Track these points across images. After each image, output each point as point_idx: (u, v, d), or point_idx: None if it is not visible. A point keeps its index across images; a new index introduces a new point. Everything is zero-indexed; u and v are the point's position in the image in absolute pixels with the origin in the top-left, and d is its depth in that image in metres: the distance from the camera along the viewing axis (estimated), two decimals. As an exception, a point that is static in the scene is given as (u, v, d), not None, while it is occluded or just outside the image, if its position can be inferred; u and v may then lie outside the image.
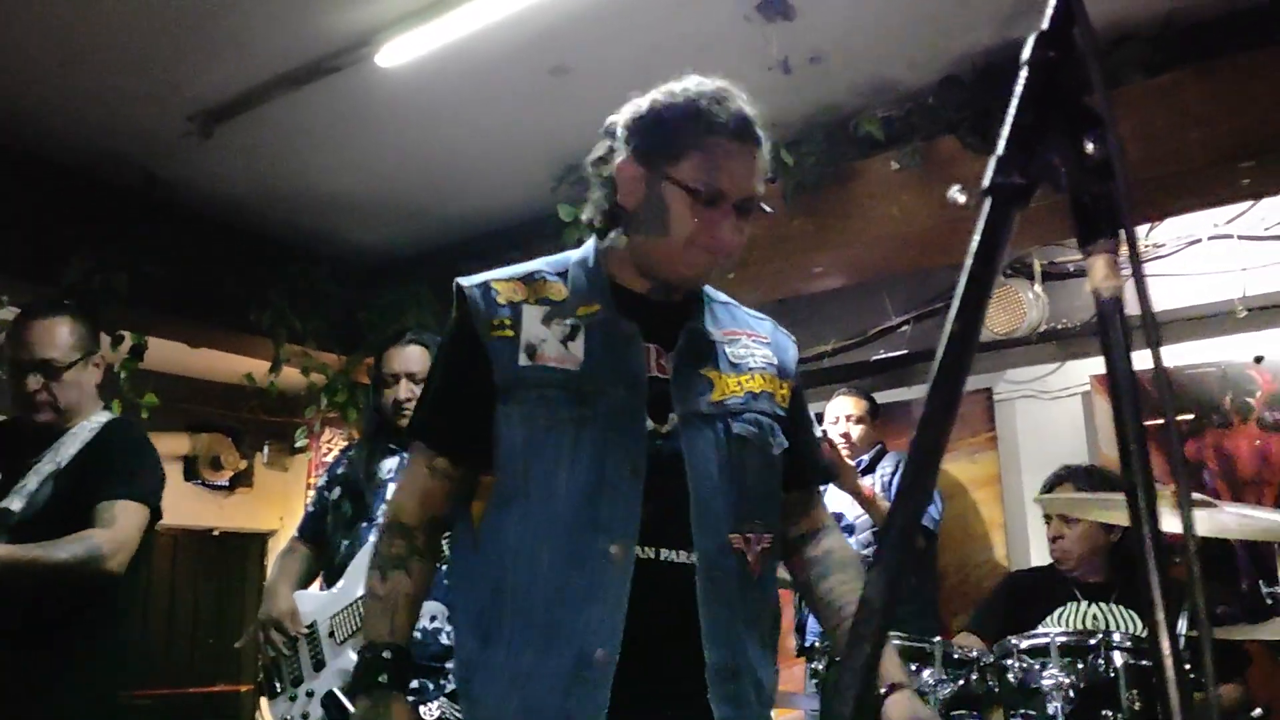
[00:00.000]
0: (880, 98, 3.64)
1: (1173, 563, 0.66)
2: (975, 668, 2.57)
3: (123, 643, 2.75)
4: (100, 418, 2.74)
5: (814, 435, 1.78)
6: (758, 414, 1.58)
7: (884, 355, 4.70)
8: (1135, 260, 0.66)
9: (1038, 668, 2.46)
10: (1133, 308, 0.65)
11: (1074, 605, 3.08)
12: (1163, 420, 0.66)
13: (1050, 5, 0.69)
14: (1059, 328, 4.31)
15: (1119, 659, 2.41)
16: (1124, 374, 0.62)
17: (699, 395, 1.53)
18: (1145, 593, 0.62)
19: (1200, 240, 4.00)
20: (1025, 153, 0.65)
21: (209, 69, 3.42)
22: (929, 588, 4.13)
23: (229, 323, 4.57)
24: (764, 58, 3.15)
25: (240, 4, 3.06)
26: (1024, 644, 2.52)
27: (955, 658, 2.59)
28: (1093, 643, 2.45)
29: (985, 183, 0.65)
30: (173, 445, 6.24)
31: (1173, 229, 4.03)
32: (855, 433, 4.07)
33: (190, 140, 3.81)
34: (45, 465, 2.63)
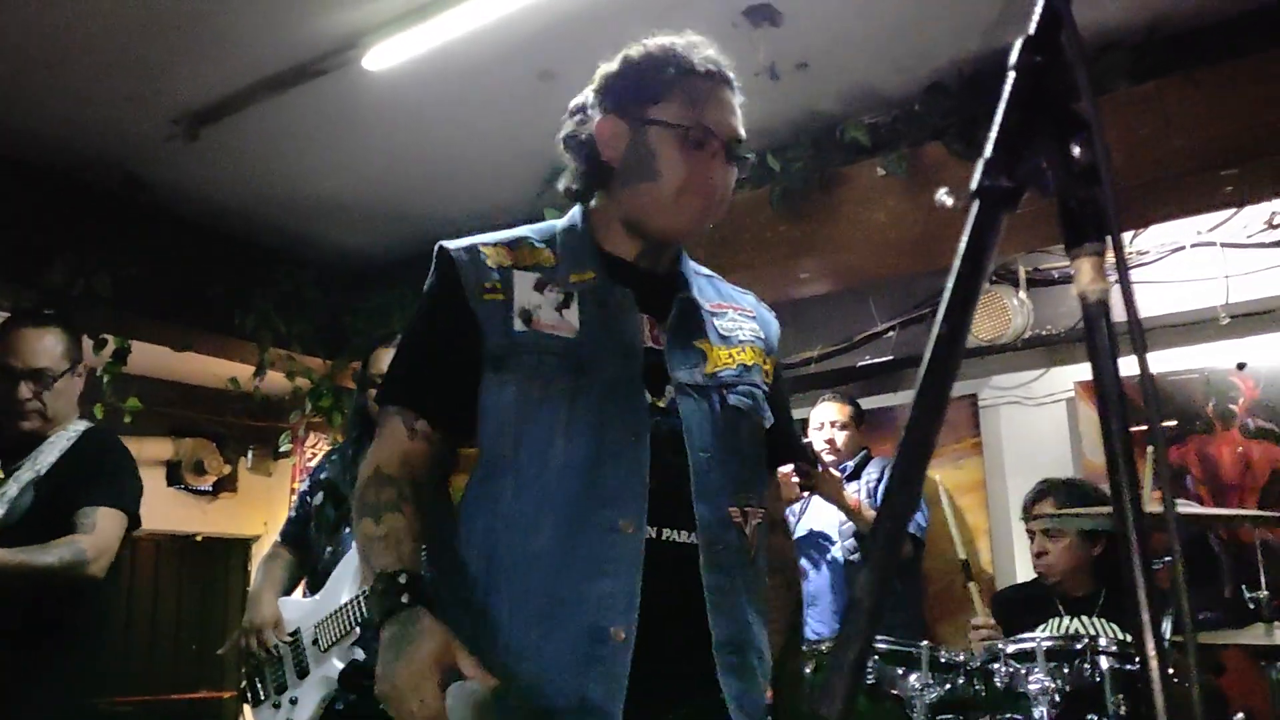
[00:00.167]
0: (866, 104, 3.65)
1: (1157, 568, 0.66)
2: (962, 672, 2.57)
3: (100, 648, 2.76)
4: (78, 426, 2.79)
5: (791, 415, 1.75)
6: (750, 386, 1.56)
7: (870, 361, 4.71)
8: (1121, 267, 0.66)
9: (1024, 672, 2.47)
10: (1119, 314, 0.66)
11: (1057, 620, 3.09)
12: (1147, 426, 0.66)
13: (1036, 11, 0.69)
14: (1044, 334, 4.33)
15: (1104, 663, 2.42)
16: (1109, 377, 0.63)
17: (693, 367, 1.49)
18: (1131, 596, 0.62)
19: (1184, 247, 4.02)
20: (1013, 156, 0.65)
21: (194, 71, 3.40)
22: (915, 595, 4.13)
23: (213, 326, 4.54)
24: (751, 64, 3.15)
25: (226, 6, 3.05)
26: (1010, 648, 2.53)
27: (942, 662, 2.60)
28: (1079, 647, 2.47)
29: (973, 185, 0.66)
30: (156, 450, 6.20)
31: (1156, 236, 4.05)
32: (840, 439, 4.08)
33: (175, 143, 3.79)
34: (25, 472, 2.66)
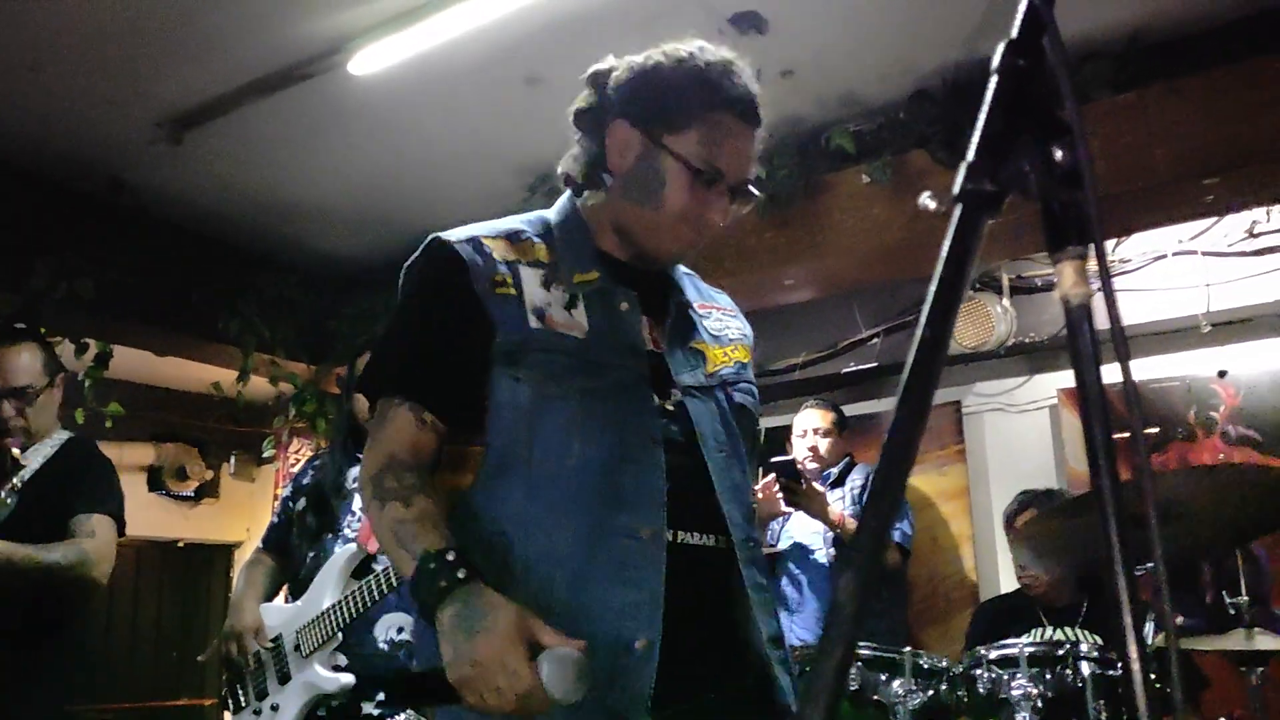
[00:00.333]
0: (851, 112, 3.66)
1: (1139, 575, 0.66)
2: (944, 678, 2.58)
3: (83, 654, 2.76)
4: (60, 435, 2.85)
5: None
6: (749, 383, 1.56)
7: (854, 368, 4.72)
8: (1104, 272, 0.66)
9: (1006, 678, 2.48)
10: (1102, 322, 0.66)
11: (1039, 631, 3.11)
12: (1130, 433, 0.66)
13: (1019, 15, 0.69)
14: (1027, 341, 4.35)
15: (1086, 669, 2.43)
16: (1092, 379, 0.63)
17: (695, 368, 1.49)
18: (1113, 600, 0.62)
19: (1165, 256, 4.04)
20: (996, 160, 0.65)
21: (179, 74, 3.39)
22: (898, 601, 4.14)
23: (196, 331, 4.52)
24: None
25: (212, 9, 3.04)
26: (993, 654, 2.54)
27: (925, 668, 2.60)
28: (1060, 653, 2.48)
29: (956, 189, 0.66)
30: (137, 455, 6.15)
31: (1138, 244, 4.07)
32: (823, 446, 4.06)
33: (159, 146, 3.77)
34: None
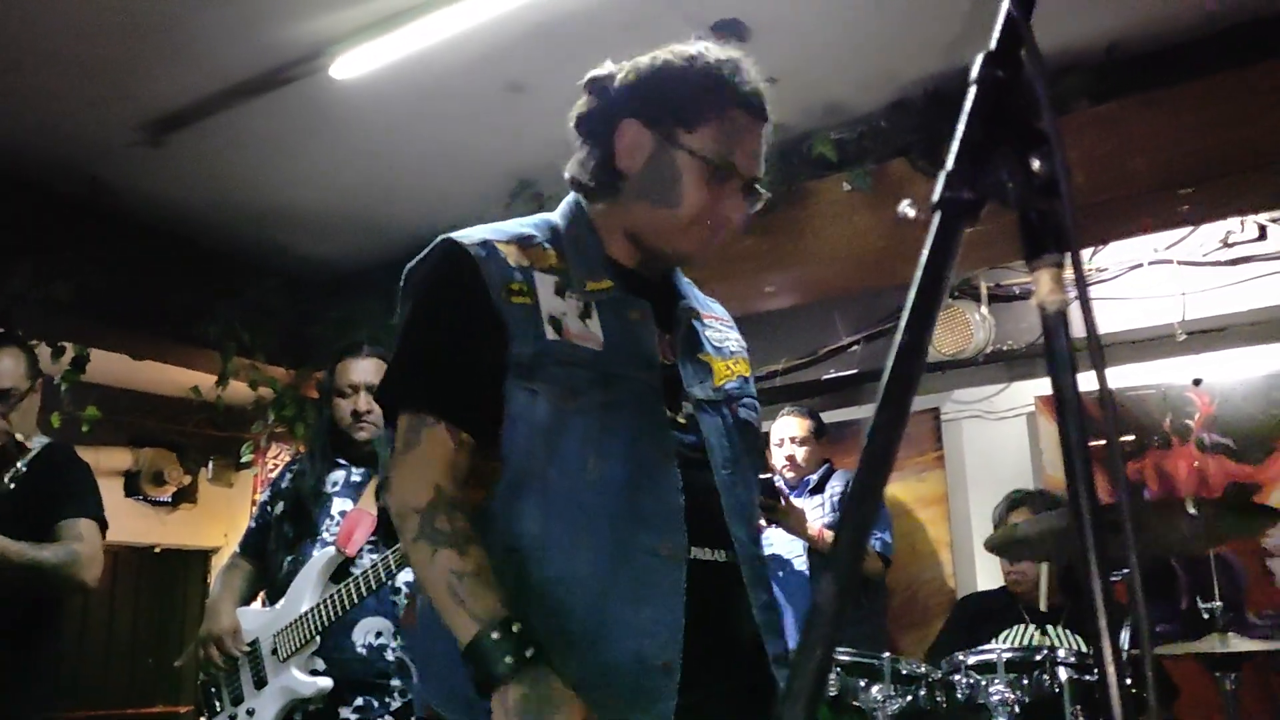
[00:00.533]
0: (833, 120, 3.68)
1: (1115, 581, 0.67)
2: (924, 684, 2.59)
3: (57, 660, 2.75)
4: (38, 440, 2.82)
5: None
6: (751, 398, 1.55)
7: (834, 375, 4.74)
8: (1080, 280, 0.67)
9: (984, 683, 2.49)
10: (1078, 329, 0.66)
11: (1020, 628, 3.13)
12: (1105, 440, 0.67)
13: (998, 26, 0.70)
14: (1005, 349, 4.38)
15: (1063, 675, 2.45)
16: (1068, 385, 0.64)
17: (703, 381, 1.47)
18: (1089, 605, 0.63)
19: (1141, 265, 4.08)
20: (974, 169, 0.66)
21: (160, 76, 3.37)
22: (877, 607, 4.15)
23: (175, 335, 4.49)
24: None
25: (193, 12, 3.03)
26: (971, 660, 2.56)
27: (903, 673, 2.61)
28: (1038, 659, 2.49)
29: (935, 197, 0.66)
30: (114, 460, 6.11)
31: (1115, 254, 4.11)
32: (800, 454, 4.05)
33: (140, 149, 3.75)
34: None
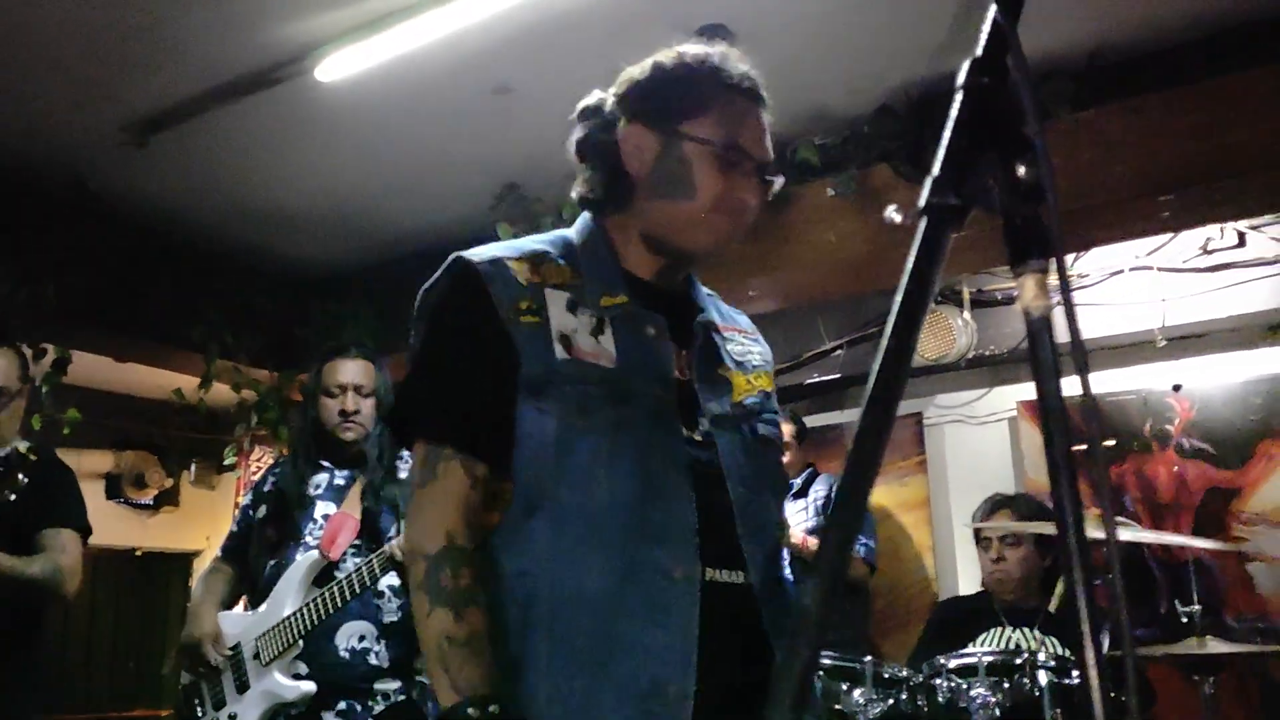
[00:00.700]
0: (817, 125, 3.69)
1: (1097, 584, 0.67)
2: (905, 687, 2.60)
3: (42, 666, 2.74)
4: (20, 444, 2.80)
5: None
6: (772, 414, 1.52)
7: (818, 379, 4.76)
8: (1064, 284, 0.68)
9: (965, 687, 2.50)
10: (1062, 335, 0.67)
11: (998, 630, 3.15)
12: (1088, 445, 0.68)
13: (984, 33, 0.71)
14: (987, 354, 4.40)
15: (1044, 678, 2.47)
16: (1052, 390, 0.64)
17: (721, 397, 1.43)
18: (1073, 609, 0.63)
19: (1122, 271, 4.12)
20: (960, 174, 0.66)
21: (146, 77, 3.36)
22: (860, 611, 4.16)
23: (158, 336, 4.46)
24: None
25: (179, 13, 3.02)
26: (952, 664, 2.57)
27: (885, 677, 2.62)
28: (1018, 662, 2.51)
29: (921, 203, 0.67)
30: (95, 463, 6.07)
31: (1096, 260, 4.14)
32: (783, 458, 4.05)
33: (124, 149, 3.73)
34: None
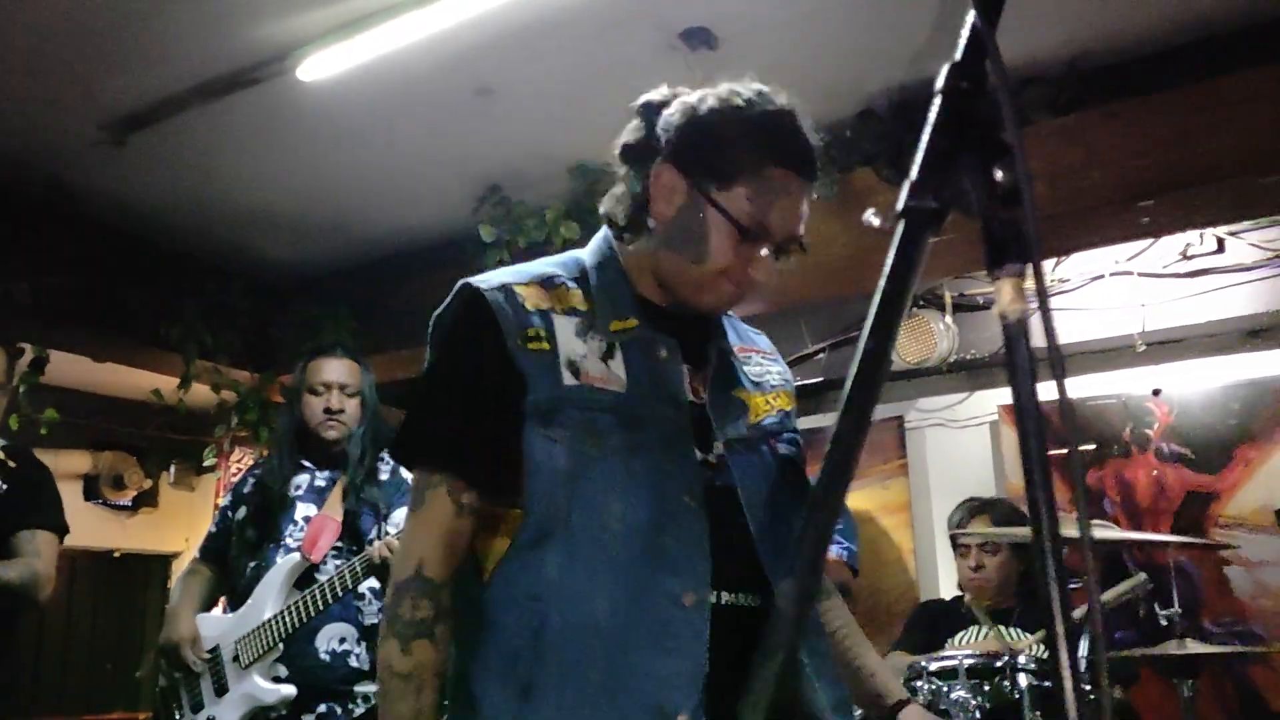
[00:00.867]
0: (800, 129, 3.70)
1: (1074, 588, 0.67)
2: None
3: (16, 670, 2.73)
4: None
5: None
6: (793, 433, 1.51)
7: (800, 382, 4.74)
8: (1041, 290, 0.68)
9: (946, 689, 2.52)
10: (1039, 340, 0.67)
11: (975, 628, 3.17)
12: (1066, 450, 0.68)
13: (963, 38, 0.71)
14: (968, 358, 4.42)
15: (1023, 681, 2.48)
16: (1028, 394, 0.64)
17: (737, 419, 1.43)
18: (1048, 617, 0.63)
19: (1102, 276, 4.14)
20: (938, 178, 0.67)
21: (124, 76, 3.33)
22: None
23: (137, 337, 4.43)
24: (687, 85, 3.19)
25: (158, 12, 3.00)
26: (933, 666, 2.58)
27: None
28: (999, 664, 2.52)
29: (899, 206, 0.67)
30: (73, 463, 6.02)
31: (1076, 265, 4.17)
32: None
33: (102, 149, 3.70)
34: None
